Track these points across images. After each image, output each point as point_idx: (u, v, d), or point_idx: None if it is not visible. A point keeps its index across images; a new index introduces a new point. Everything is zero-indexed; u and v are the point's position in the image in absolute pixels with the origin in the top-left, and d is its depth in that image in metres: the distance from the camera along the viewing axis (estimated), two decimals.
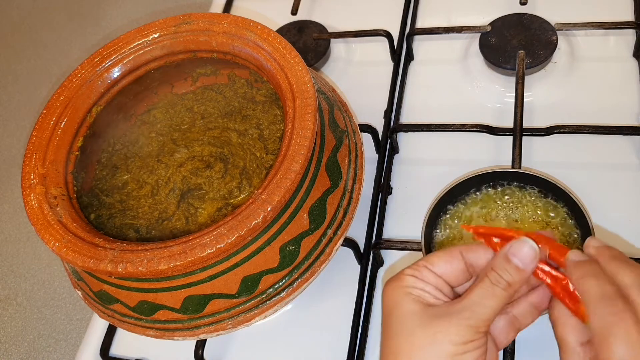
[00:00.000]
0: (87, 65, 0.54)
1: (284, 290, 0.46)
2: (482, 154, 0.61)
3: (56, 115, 0.52)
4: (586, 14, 0.66)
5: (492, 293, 0.34)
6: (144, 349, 0.58)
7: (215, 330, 0.46)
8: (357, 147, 0.54)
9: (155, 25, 0.55)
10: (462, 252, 0.37)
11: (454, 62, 0.69)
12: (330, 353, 0.53)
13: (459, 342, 0.32)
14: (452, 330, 0.32)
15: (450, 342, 0.32)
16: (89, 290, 0.50)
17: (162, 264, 0.40)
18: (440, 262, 0.36)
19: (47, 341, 1.39)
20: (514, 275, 0.34)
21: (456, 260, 0.36)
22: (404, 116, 0.66)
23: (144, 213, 0.54)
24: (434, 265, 0.36)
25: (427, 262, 0.36)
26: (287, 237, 0.45)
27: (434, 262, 0.36)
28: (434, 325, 0.33)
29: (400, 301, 0.35)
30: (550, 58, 0.63)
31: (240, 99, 0.60)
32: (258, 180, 0.54)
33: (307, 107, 0.46)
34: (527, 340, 0.50)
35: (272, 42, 0.50)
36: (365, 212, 0.58)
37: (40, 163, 0.49)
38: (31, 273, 1.51)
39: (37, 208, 0.46)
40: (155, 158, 0.57)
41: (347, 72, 0.72)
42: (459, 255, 0.36)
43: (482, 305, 0.33)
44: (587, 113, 0.61)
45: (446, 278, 0.36)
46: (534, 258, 0.35)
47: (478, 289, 0.34)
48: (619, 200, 0.55)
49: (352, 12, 0.78)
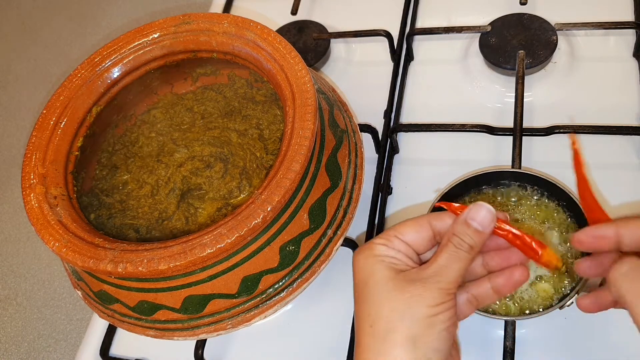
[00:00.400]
0: (87, 65, 0.54)
1: (284, 290, 0.46)
2: (482, 154, 0.61)
3: (56, 115, 0.52)
4: (586, 14, 0.66)
5: (457, 257, 0.36)
6: (144, 349, 0.58)
7: (215, 330, 0.46)
8: (357, 147, 0.54)
9: (155, 25, 0.55)
10: (429, 221, 0.39)
11: (454, 62, 0.69)
12: (330, 353, 0.53)
13: (432, 304, 0.35)
14: (425, 294, 0.35)
15: (425, 304, 0.35)
16: (89, 290, 0.50)
17: (162, 264, 0.40)
18: (409, 230, 0.38)
19: (47, 341, 1.39)
20: (475, 237, 0.37)
21: (424, 229, 0.38)
22: (404, 116, 0.66)
23: (144, 213, 0.54)
24: (404, 234, 0.38)
25: (397, 231, 0.38)
26: (287, 237, 0.45)
27: (403, 232, 0.38)
28: (408, 289, 0.35)
29: (374, 269, 0.37)
30: (550, 58, 0.63)
31: (240, 99, 0.60)
32: (258, 180, 0.54)
33: (307, 107, 0.46)
34: (527, 340, 0.50)
35: (272, 42, 0.50)
36: (365, 212, 0.58)
37: (40, 163, 0.49)
38: (31, 273, 1.51)
39: (37, 208, 0.46)
40: (155, 158, 0.57)
41: (347, 72, 0.72)
42: (427, 224, 0.39)
43: (450, 268, 0.36)
44: (587, 113, 0.61)
45: (414, 246, 0.38)
46: (491, 220, 0.37)
47: (444, 254, 0.37)
48: (619, 200, 0.55)
49: (352, 12, 0.78)
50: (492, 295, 0.40)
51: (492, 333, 0.51)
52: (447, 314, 0.35)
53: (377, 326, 0.35)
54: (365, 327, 0.36)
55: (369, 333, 0.35)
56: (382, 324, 0.35)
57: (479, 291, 0.40)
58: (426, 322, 0.34)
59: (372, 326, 0.35)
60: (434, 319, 0.34)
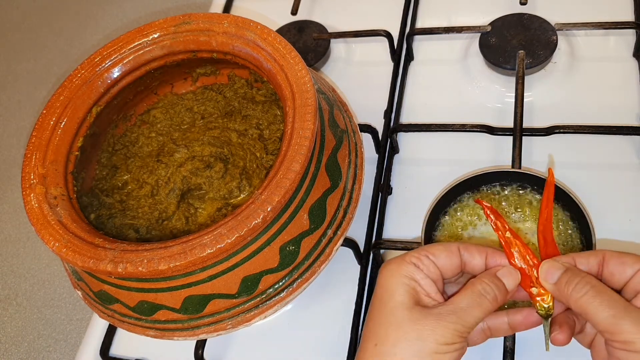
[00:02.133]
0: (87, 65, 0.54)
1: (284, 290, 0.46)
2: (482, 154, 0.61)
3: (56, 115, 0.52)
4: (586, 14, 0.66)
5: (479, 303, 0.36)
6: (144, 349, 0.58)
7: (215, 330, 0.46)
8: (357, 147, 0.54)
9: (155, 25, 0.55)
10: (459, 249, 0.38)
11: (454, 62, 0.69)
12: (330, 353, 0.53)
13: (442, 342, 0.34)
14: (438, 331, 0.34)
15: (435, 340, 0.34)
16: (89, 290, 0.50)
17: (162, 264, 0.40)
18: (441, 254, 0.38)
19: (47, 341, 1.39)
20: (501, 292, 0.37)
21: (455, 256, 0.38)
22: (404, 116, 0.66)
23: (144, 213, 0.54)
24: (436, 256, 0.38)
25: (430, 252, 0.38)
26: (287, 237, 0.45)
27: (435, 254, 0.38)
28: (422, 322, 0.35)
29: (395, 290, 0.37)
30: (550, 58, 0.63)
31: (240, 99, 0.60)
32: (258, 180, 0.54)
33: (307, 107, 0.46)
34: (527, 340, 0.50)
35: (272, 42, 0.50)
36: (365, 212, 0.58)
37: (40, 163, 0.49)
38: (31, 273, 1.51)
39: (37, 208, 0.46)
40: (155, 158, 0.57)
41: (347, 72, 0.72)
42: (457, 251, 0.38)
43: (469, 313, 0.36)
44: (587, 113, 0.61)
45: (443, 271, 0.38)
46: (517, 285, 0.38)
47: (467, 296, 0.36)
48: (619, 200, 0.55)
49: (352, 12, 0.78)
50: (507, 330, 0.40)
51: None
52: (454, 355, 0.35)
53: (382, 347, 0.35)
54: (369, 344, 0.36)
55: (372, 352, 0.35)
56: (387, 346, 0.35)
57: (495, 323, 0.40)
58: (431, 358, 0.34)
59: (376, 345, 0.35)
60: (438, 357, 0.34)
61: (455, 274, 0.39)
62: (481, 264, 0.39)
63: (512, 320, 0.39)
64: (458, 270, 0.39)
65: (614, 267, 0.36)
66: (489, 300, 0.37)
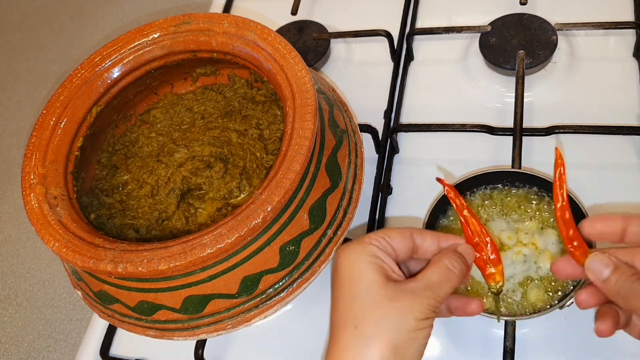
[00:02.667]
0: (87, 65, 0.54)
1: (284, 290, 0.46)
2: (482, 154, 0.61)
3: (56, 115, 0.52)
4: (586, 14, 0.66)
5: (449, 277, 0.38)
6: (144, 349, 0.58)
7: (215, 330, 0.46)
8: (357, 147, 0.54)
9: (155, 25, 0.55)
10: (413, 234, 0.40)
11: (454, 62, 0.69)
12: None
13: (420, 318, 0.35)
14: (415, 307, 0.36)
15: (414, 317, 0.35)
16: (89, 290, 0.50)
17: (162, 264, 0.40)
18: (397, 237, 0.39)
19: (47, 341, 1.39)
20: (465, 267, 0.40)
21: (408, 239, 0.40)
22: (404, 116, 0.66)
23: (144, 213, 0.54)
24: (392, 239, 0.39)
25: (387, 235, 0.39)
26: (287, 237, 0.45)
27: (391, 236, 0.39)
28: (399, 299, 0.36)
29: (364, 269, 0.37)
30: (550, 58, 0.63)
31: (240, 99, 0.60)
32: (258, 180, 0.54)
33: (307, 107, 0.46)
34: (527, 340, 0.50)
35: (272, 42, 0.50)
36: (365, 212, 0.58)
37: (40, 163, 0.49)
38: (31, 273, 1.51)
39: (37, 208, 0.46)
40: (155, 158, 0.57)
41: (347, 72, 0.72)
42: (411, 235, 0.40)
43: (441, 288, 0.37)
44: (587, 113, 0.61)
45: (398, 253, 0.39)
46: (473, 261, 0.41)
47: (436, 271, 0.38)
48: (619, 200, 0.55)
49: (352, 12, 0.78)
50: (446, 314, 0.42)
51: (492, 333, 0.51)
52: (429, 330, 0.36)
53: (363, 329, 0.35)
54: (349, 327, 0.36)
55: (353, 334, 0.36)
56: (368, 328, 0.35)
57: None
58: (410, 335, 0.35)
59: (357, 327, 0.36)
60: (417, 333, 0.35)
61: (407, 257, 0.40)
62: (433, 247, 0.41)
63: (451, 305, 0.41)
64: (410, 254, 0.40)
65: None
66: (457, 274, 0.38)
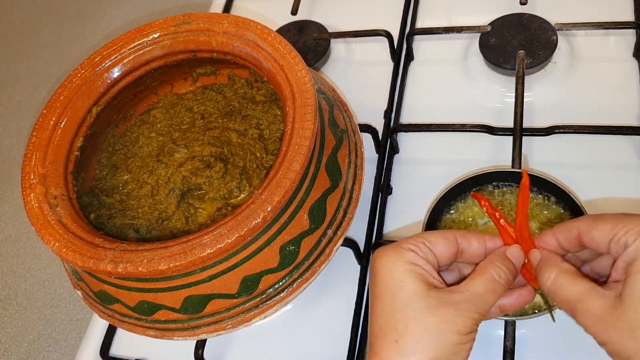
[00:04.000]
0: (87, 65, 0.54)
1: (284, 290, 0.46)
2: (482, 154, 0.61)
3: (56, 115, 0.52)
4: (586, 14, 0.66)
5: (494, 289, 0.36)
6: (144, 349, 0.58)
7: (215, 330, 0.46)
8: (357, 147, 0.54)
9: (155, 25, 0.55)
10: (456, 237, 0.38)
11: (454, 62, 0.69)
12: (330, 353, 0.53)
13: (463, 332, 0.34)
14: (459, 321, 0.34)
15: (457, 332, 0.34)
16: (89, 290, 0.50)
17: (162, 264, 0.40)
18: (439, 242, 0.37)
19: (47, 341, 1.39)
20: (512, 275, 0.37)
21: (451, 244, 0.38)
22: (404, 116, 0.66)
23: (144, 213, 0.54)
24: (433, 244, 0.37)
25: (426, 239, 0.37)
26: (287, 237, 0.45)
27: (432, 241, 0.37)
28: (440, 312, 0.34)
29: (404, 278, 0.35)
30: (550, 58, 0.63)
31: (240, 99, 0.60)
32: (258, 180, 0.54)
33: (307, 107, 0.46)
34: (527, 340, 0.50)
35: (272, 42, 0.50)
36: (365, 212, 0.58)
37: (40, 163, 0.49)
38: (31, 273, 1.51)
39: (37, 208, 0.46)
40: (155, 158, 0.57)
41: (347, 72, 0.72)
42: (454, 239, 0.38)
43: (484, 298, 0.35)
44: (587, 113, 0.61)
45: (439, 259, 0.37)
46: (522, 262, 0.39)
47: (481, 282, 0.36)
48: (619, 200, 0.55)
49: (352, 12, 0.78)
50: (498, 313, 0.39)
51: (492, 333, 0.51)
52: (472, 344, 0.35)
53: (404, 343, 0.34)
54: (389, 340, 0.35)
55: (394, 348, 0.34)
56: (409, 342, 0.34)
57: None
58: (452, 349, 0.34)
59: (397, 341, 0.34)
60: (460, 347, 0.34)
61: (450, 262, 0.38)
62: (479, 250, 0.39)
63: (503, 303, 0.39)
64: (453, 259, 0.38)
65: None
66: (503, 285, 0.36)
